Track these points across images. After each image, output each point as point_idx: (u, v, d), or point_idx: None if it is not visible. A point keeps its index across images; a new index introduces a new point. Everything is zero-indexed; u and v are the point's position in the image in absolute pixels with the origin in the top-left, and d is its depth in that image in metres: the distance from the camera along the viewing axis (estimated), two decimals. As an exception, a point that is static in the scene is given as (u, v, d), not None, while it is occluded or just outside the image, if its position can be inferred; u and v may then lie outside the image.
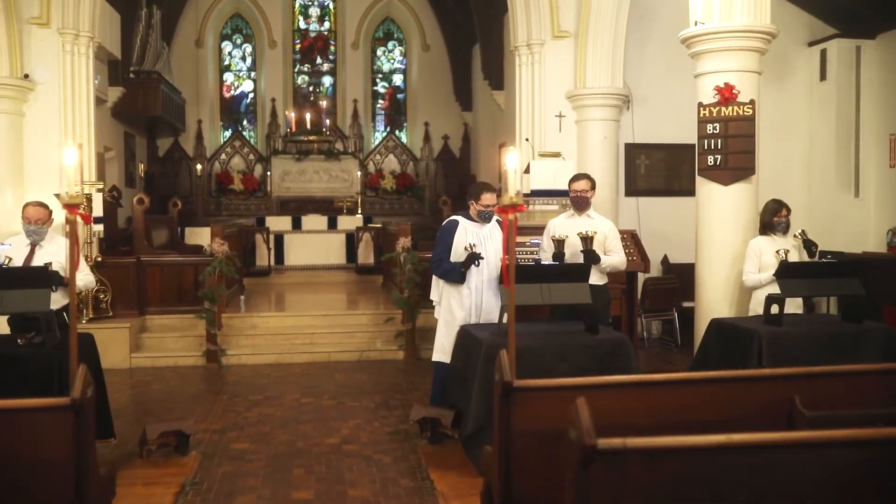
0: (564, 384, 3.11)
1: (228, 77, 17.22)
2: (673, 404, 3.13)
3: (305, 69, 17.39)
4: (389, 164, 17.26)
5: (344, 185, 16.71)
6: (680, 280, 9.91)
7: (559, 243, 5.88)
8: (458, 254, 5.75)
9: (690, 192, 10.56)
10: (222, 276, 9.07)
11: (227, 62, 17.19)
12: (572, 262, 5.69)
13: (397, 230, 10.13)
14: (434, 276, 6.01)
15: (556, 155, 8.90)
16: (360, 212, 15.82)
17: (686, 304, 9.92)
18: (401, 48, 17.66)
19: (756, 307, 6.21)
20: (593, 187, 6.15)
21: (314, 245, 14.67)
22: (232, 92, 17.24)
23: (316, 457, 5.49)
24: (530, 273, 5.31)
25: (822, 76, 10.27)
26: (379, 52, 17.66)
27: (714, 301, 6.73)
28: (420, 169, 17.30)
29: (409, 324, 9.07)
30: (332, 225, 14.97)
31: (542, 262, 5.66)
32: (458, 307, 5.81)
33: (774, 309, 5.59)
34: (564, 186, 8.77)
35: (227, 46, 17.15)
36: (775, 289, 6.06)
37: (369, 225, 14.83)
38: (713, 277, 6.75)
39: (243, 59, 17.24)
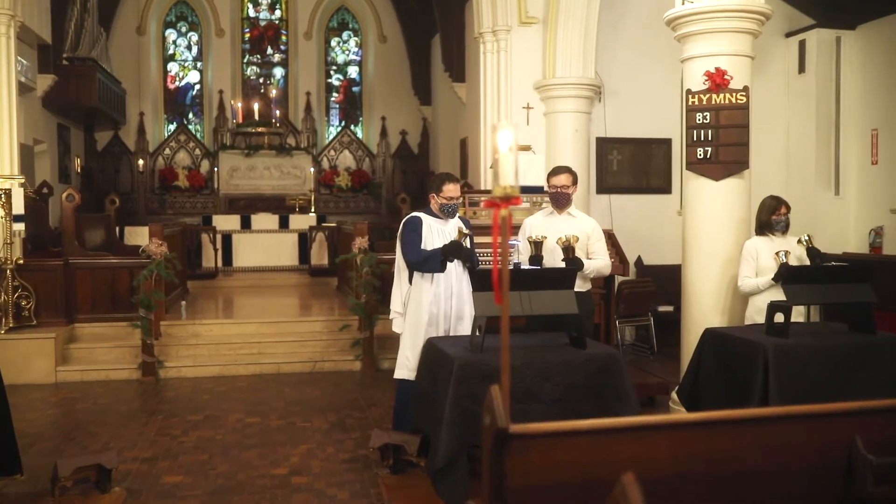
0: (576, 428, 2.43)
1: (173, 67, 16.24)
2: (706, 450, 2.47)
3: (255, 60, 16.50)
4: (344, 160, 16.47)
5: (296, 182, 15.88)
6: (655, 283, 9.36)
7: (537, 245, 5.22)
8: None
9: (665, 189, 10.07)
10: (160, 280, 8.24)
11: (171, 51, 16.21)
12: (553, 267, 5.03)
13: (353, 230, 9.39)
14: (396, 282, 5.30)
15: (526, 148, 8.26)
16: (313, 210, 15.02)
17: (662, 309, 9.38)
18: (356, 39, 16.87)
19: (754, 315, 5.62)
20: (575, 182, 5.50)
21: (264, 245, 13.84)
22: (176, 83, 16.27)
23: (260, 491, 4.74)
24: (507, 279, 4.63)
25: (801, 68, 9.79)
26: (333, 43, 16.84)
27: (704, 309, 6.13)
28: (377, 165, 16.55)
29: (366, 332, 8.34)
30: (284, 224, 14.15)
31: (522, 267, 4.98)
32: (426, 316, 5.11)
33: (779, 318, 4.99)
34: (535, 182, 8.19)
35: (171, 34, 16.17)
36: (775, 295, 5.49)
37: (323, 224, 14.05)
38: (703, 282, 6.15)
39: (189, 48, 16.28)
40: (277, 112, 15.56)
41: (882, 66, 9.30)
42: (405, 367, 5.18)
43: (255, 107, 15.24)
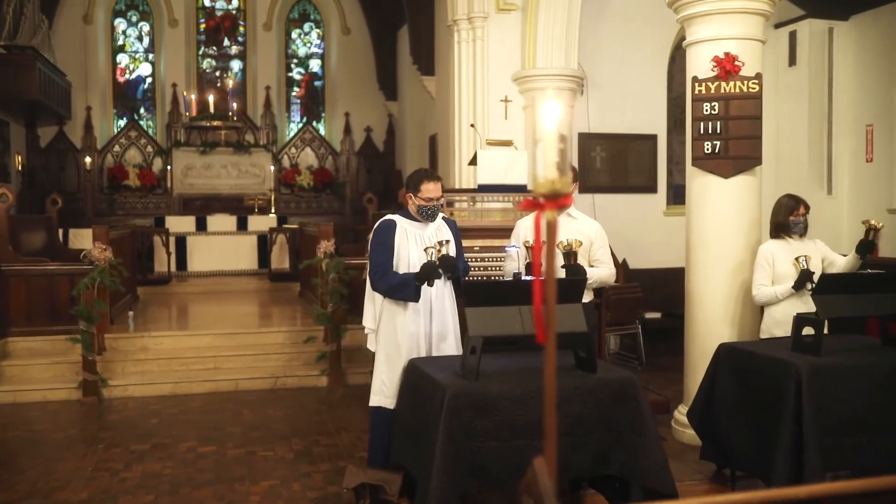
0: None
1: (122, 59, 15.28)
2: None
3: (211, 52, 15.61)
4: (306, 158, 15.68)
5: (255, 181, 15.05)
6: (641, 288, 8.77)
7: (530, 251, 4.56)
8: (409, 266, 4.39)
9: (650, 188, 9.49)
10: (104, 288, 7.44)
11: (120, 42, 15.24)
12: (558, 277, 4.38)
13: (318, 232, 8.67)
14: (368, 294, 4.61)
15: (508, 143, 7.59)
16: (273, 211, 14.21)
17: (649, 316, 8.82)
18: (318, 31, 16.07)
19: (772, 328, 5.04)
20: (576, 178, 4.87)
21: (221, 248, 12.99)
22: (127, 76, 15.32)
23: (214, 544, 4.02)
24: (504, 291, 3.97)
25: (792, 61, 9.29)
26: (294, 35, 16.02)
27: (711, 319, 5.54)
28: (340, 164, 15.79)
29: (333, 344, 7.63)
30: (242, 226, 13.32)
31: (523, 277, 4.31)
32: (404, 335, 4.43)
33: (807, 331, 4.41)
34: (518, 180, 7.52)
35: (120, 24, 15.21)
36: (794, 304, 4.92)
37: (284, 226, 13.25)
38: (709, 290, 5.55)
39: (140, 39, 15.33)
40: (235, 105, 14.70)
41: (877, 59, 8.83)
42: (381, 392, 4.49)
43: (211, 99, 14.36)
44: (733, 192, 5.47)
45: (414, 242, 4.44)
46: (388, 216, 4.58)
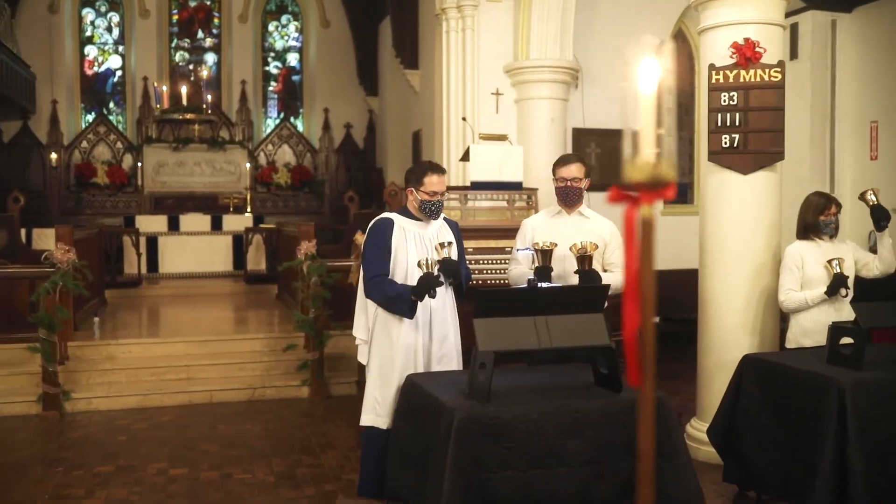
0: None
1: (91, 51, 14.60)
2: None
3: (185, 44, 14.98)
4: (283, 155, 15.11)
5: (230, 179, 14.46)
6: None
7: (545, 254, 4.10)
8: (407, 271, 3.92)
9: (647, 186, 9.09)
10: (67, 293, 6.89)
11: (88, 33, 14.55)
12: (576, 284, 3.93)
13: (297, 232, 8.16)
14: (360, 301, 4.13)
15: (502, 138, 7.15)
16: (249, 210, 13.64)
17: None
18: (296, 23, 15.50)
19: (800, 337, 4.63)
20: (588, 174, 4.42)
21: (195, 249, 12.40)
22: (95, 69, 14.63)
23: (186, 588, 3.53)
24: (517, 300, 3.52)
25: (793, 54, 8.91)
26: (271, 28, 15.43)
27: (728, 327, 5.12)
28: (319, 161, 15.24)
29: (315, 352, 7.13)
30: (217, 225, 12.73)
31: (540, 284, 3.83)
32: (399, 347, 3.96)
33: (845, 343, 4.01)
34: (513, 177, 7.09)
35: (88, 14, 14.52)
36: (826, 312, 4.52)
37: (261, 225, 12.70)
38: (726, 296, 5.13)
39: (109, 30, 14.66)
40: (209, 97, 14.09)
41: (882, 52, 8.49)
42: (373, 411, 4.02)
43: (184, 91, 13.74)
44: (753, 190, 5.07)
45: (413, 244, 3.97)
46: (385, 214, 4.11)
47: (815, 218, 4.65)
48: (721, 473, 4.55)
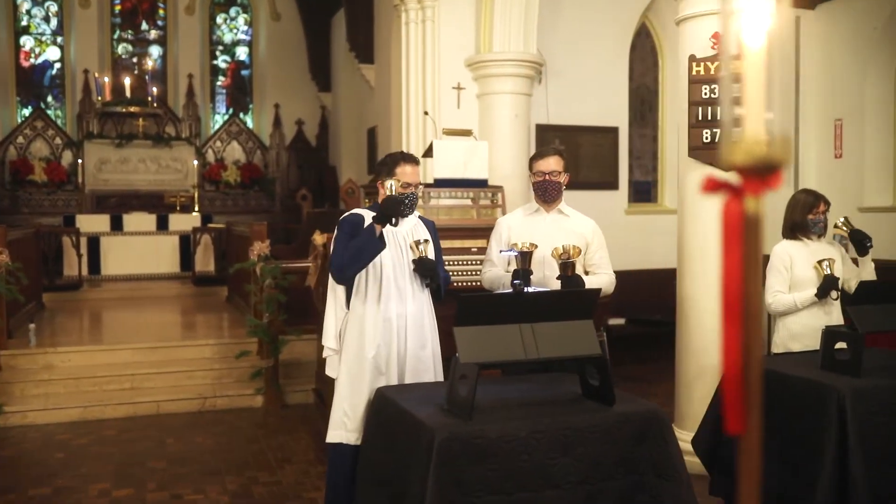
0: None
1: (27, 42, 13.87)
2: None
3: (128, 36, 14.35)
4: (232, 152, 14.59)
5: (177, 176, 13.89)
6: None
7: (522, 257, 3.80)
8: (382, 273, 3.60)
9: (612, 184, 8.86)
10: (0, 298, 6.39)
11: (24, 23, 13.85)
12: (561, 289, 3.64)
13: (249, 232, 7.76)
14: (330, 308, 3.78)
15: (466, 133, 6.84)
16: (197, 209, 13.12)
17: (612, 322, 8.19)
18: (245, 16, 14.99)
19: (787, 342, 4.41)
20: (567, 168, 4.14)
21: (140, 250, 11.85)
22: (32, 60, 13.94)
23: None
24: (502, 306, 3.21)
25: (757, 51, 8.79)
26: (219, 20, 14.89)
27: (708, 331, 4.90)
28: (269, 159, 14.76)
29: (269, 359, 6.74)
30: (163, 225, 12.20)
31: (528, 289, 3.52)
32: (371, 355, 3.63)
33: (839, 349, 3.80)
34: (478, 174, 6.81)
35: (24, 3, 13.77)
36: (816, 315, 4.32)
37: (209, 225, 12.19)
38: (706, 298, 4.91)
39: (46, 19, 13.95)
40: (154, 90, 13.50)
41: (846, 50, 8.43)
42: (342, 426, 3.67)
43: (128, 82, 13.13)
44: (735, 187, 4.84)
45: (387, 240, 3.64)
46: (356, 210, 3.78)
47: (804, 216, 4.44)
48: (707, 486, 4.31)
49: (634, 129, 9.05)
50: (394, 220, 3.47)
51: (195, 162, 13.94)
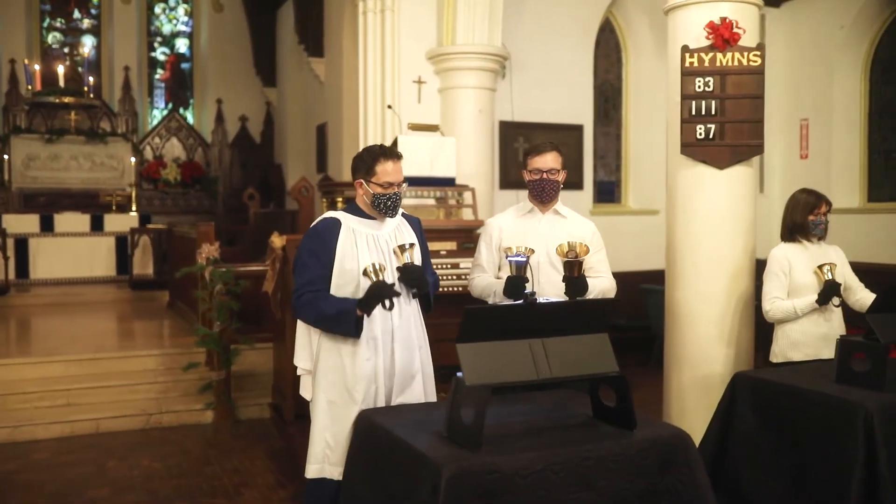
0: None
1: (-53, 30, 13.02)
2: None
3: (59, 25, 13.54)
4: (172, 149, 13.92)
5: (112, 174, 13.15)
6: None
7: (518, 263, 3.42)
8: (359, 284, 3.17)
9: (576, 184, 8.54)
10: (-84, 306, 5.73)
11: (-56, 9, 12.99)
12: (572, 300, 3.27)
13: (195, 233, 7.22)
14: (301, 330, 3.34)
15: (433, 128, 6.47)
16: (134, 209, 12.43)
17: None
18: (186, 6, 14.31)
19: (788, 351, 4.14)
20: (565, 165, 3.79)
21: (72, 252, 11.12)
22: (-48, 50, 13.06)
23: None
24: (509, 319, 2.82)
25: (722, 49, 8.61)
26: (157, 10, 14.18)
27: (703, 338, 4.62)
28: (211, 156, 14.12)
29: (220, 371, 6.23)
30: (97, 226, 11.49)
31: (542, 300, 3.13)
32: (354, 375, 3.20)
33: (852, 358, 3.53)
34: (445, 173, 6.46)
35: (-56, -12, 12.95)
36: (817, 322, 4.07)
37: (148, 226, 11.54)
38: (700, 303, 4.63)
39: (-31, 6, 13.12)
40: (91, 79, 12.72)
41: (812, 49, 8.30)
42: (323, 459, 3.23)
43: (60, 71, 12.33)
44: (729, 186, 4.59)
45: (366, 247, 3.22)
46: (331, 213, 3.33)
47: (804, 218, 4.18)
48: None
49: (598, 127, 8.77)
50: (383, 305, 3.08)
51: (132, 159, 13.23)
